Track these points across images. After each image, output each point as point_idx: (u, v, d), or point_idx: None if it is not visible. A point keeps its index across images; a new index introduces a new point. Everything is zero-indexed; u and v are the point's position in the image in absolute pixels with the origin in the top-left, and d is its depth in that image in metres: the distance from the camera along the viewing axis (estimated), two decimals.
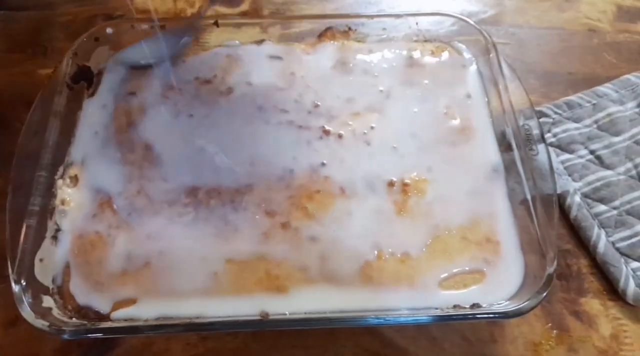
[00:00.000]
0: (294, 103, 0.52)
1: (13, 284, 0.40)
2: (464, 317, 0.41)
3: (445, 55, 0.56)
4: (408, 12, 0.57)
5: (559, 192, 0.51)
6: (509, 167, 0.49)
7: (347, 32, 0.57)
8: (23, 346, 0.45)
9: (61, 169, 0.48)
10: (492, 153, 0.50)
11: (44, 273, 0.43)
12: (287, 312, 0.42)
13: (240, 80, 0.53)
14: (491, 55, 0.53)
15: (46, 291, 0.43)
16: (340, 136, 0.50)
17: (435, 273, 0.43)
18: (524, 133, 0.48)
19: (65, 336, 0.39)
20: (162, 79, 0.53)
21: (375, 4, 0.68)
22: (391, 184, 0.47)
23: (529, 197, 0.46)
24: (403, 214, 0.46)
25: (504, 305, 0.42)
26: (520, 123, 0.49)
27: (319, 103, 0.52)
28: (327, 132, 0.50)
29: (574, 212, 0.51)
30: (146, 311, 0.42)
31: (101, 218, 0.45)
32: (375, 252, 0.44)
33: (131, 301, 0.42)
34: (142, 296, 0.42)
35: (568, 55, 0.64)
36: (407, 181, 0.47)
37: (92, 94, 0.53)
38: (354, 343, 0.45)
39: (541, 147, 0.47)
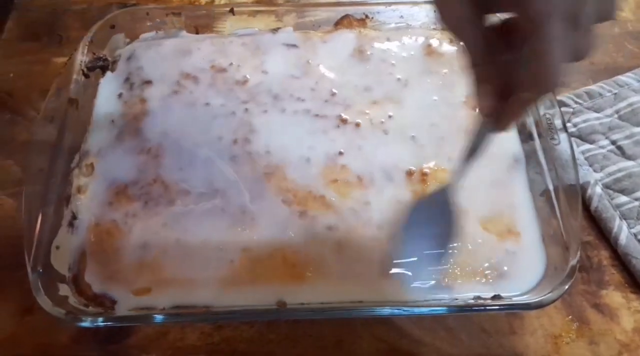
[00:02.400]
0: (310, 91, 0.51)
1: (30, 272, 0.40)
2: (485, 309, 0.40)
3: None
4: (427, 0, 0.56)
5: (580, 182, 0.50)
6: (530, 157, 0.48)
7: (363, 20, 0.57)
8: (39, 334, 0.45)
9: (77, 157, 0.48)
10: (513, 143, 0.49)
11: (60, 261, 0.43)
12: (303, 302, 0.41)
13: (256, 69, 0.53)
14: None
15: (62, 279, 0.43)
16: (357, 125, 0.49)
17: (455, 264, 0.43)
18: (545, 123, 0.47)
19: (82, 325, 0.39)
20: (177, 68, 0.52)
21: None
22: (410, 173, 0.47)
23: (551, 187, 0.45)
24: None
25: (526, 297, 0.41)
26: (541, 112, 0.48)
27: (335, 91, 0.51)
28: (344, 121, 0.49)
29: (594, 203, 0.50)
30: (162, 300, 0.42)
31: (117, 206, 0.45)
32: (394, 242, 0.43)
33: (147, 290, 0.42)
34: (158, 285, 0.42)
35: None
36: (426, 170, 0.47)
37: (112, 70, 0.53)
38: (370, 333, 0.45)
39: (563, 137, 0.46)
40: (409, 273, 0.42)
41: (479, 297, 0.41)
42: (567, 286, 0.40)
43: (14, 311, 0.46)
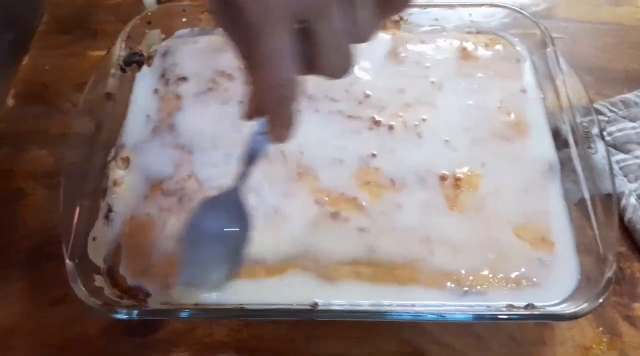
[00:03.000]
0: (344, 92, 0.51)
1: (67, 261, 0.40)
2: (519, 317, 0.40)
3: (499, 48, 0.55)
4: (462, 3, 0.56)
5: None
6: (564, 165, 0.48)
7: (397, 22, 0.56)
8: (69, 325, 0.45)
9: (113, 151, 0.49)
10: (547, 150, 0.48)
11: (96, 252, 0.44)
12: (334, 302, 0.41)
13: None
14: (548, 50, 0.52)
15: (98, 270, 0.43)
16: (391, 127, 0.49)
17: (487, 271, 0.42)
18: (582, 131, 0.47)
19: (117, 316, 0.39)
20: (212, 65, 0.53)
21: None
22: (443, 178, 0.46)
23: (587, 196, 0.44)
24: (455, 209, 0.45)
25: (559, 308, 0.40)
26: (578, 120, 0.47)
27: (369, 93, 0.51)
28: (377, 123, 0.49)
29: (629, 214, 0.50)
30: (195, 294, 0.42)
31: (152, 200, 0.45)
32: (425, 246, 0.43)
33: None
34: None
35: (624, 51, 0.62)
36: (460, 175, 0.46)
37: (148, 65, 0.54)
38: (396, 336, 0.45)
39: (600, 146, 0.46)
40: (442, 278, 0.42)
41: (511, 306, 0.41)
42: (602, 299, 0.39)
43: (45, 301, 0.46)
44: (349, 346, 0.45)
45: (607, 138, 0.54)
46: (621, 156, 0.53)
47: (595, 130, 0.47)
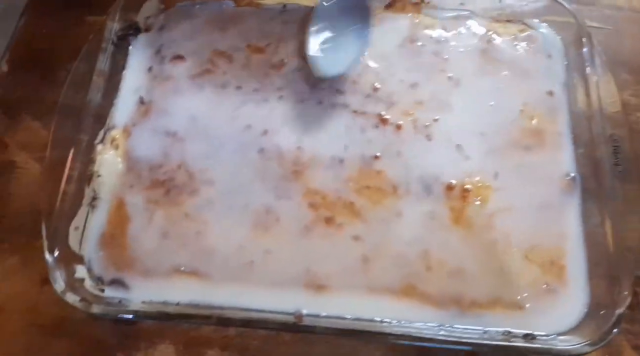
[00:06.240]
0: (351, 84, 0.47)
1: (47, 253, 0.39)
2: (513, 349, 0.37)
3: (528, 40, 0.49)
4: None
5: None
6: (587, 179, 0.44)
7: (418, 4, 0.51)
8: (57, 305, 0.44)
9: (102, 133, 0.46)
10: (569, 163, 0.44)
11: (79, 241, 0.42)
12: (322, 312, 0.40)
13: (295, 52, 0.48)
14: (584, 50, 0.46)
15: (80, 260, 0.42)
16: (398, 127, 0.45)
17: (487, 293, 0.40)
18: (610, 145, 0.42)
19: (95, 313, 0.38)
20: (211, 45, 0.49)
21: None
22: (450, 188, 0.43)
23: (606, 216, 0.41)
24: (459, 223, 0.42)
25: (560, 340, 0.38)
26: (606, 129, 0.43)
27: (378, 86, 0.47)
28: (384, 121, 0.45)
29: None
30: (178, 292, 0.41)
31: (139, 190, 0.43)
32: (423, 262, 0.41)
33: (164, 280, 0.41)
34: (175, 276, 0.41)
35: None
36: (469, 186, 0.43)
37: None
38: (387, 347, 0.43)
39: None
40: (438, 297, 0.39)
41: (509, 333, 0.38)
42: (607, 340, 0.36)
43: (35, 280, 0.46)
44: (338, 353, 0.43)
45: None
46: None
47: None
